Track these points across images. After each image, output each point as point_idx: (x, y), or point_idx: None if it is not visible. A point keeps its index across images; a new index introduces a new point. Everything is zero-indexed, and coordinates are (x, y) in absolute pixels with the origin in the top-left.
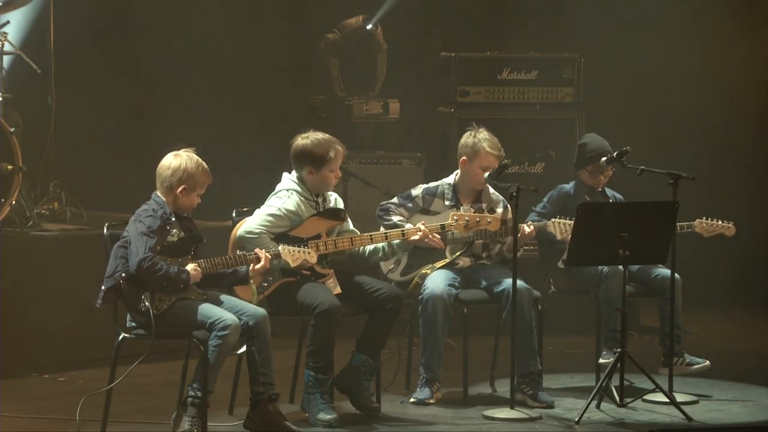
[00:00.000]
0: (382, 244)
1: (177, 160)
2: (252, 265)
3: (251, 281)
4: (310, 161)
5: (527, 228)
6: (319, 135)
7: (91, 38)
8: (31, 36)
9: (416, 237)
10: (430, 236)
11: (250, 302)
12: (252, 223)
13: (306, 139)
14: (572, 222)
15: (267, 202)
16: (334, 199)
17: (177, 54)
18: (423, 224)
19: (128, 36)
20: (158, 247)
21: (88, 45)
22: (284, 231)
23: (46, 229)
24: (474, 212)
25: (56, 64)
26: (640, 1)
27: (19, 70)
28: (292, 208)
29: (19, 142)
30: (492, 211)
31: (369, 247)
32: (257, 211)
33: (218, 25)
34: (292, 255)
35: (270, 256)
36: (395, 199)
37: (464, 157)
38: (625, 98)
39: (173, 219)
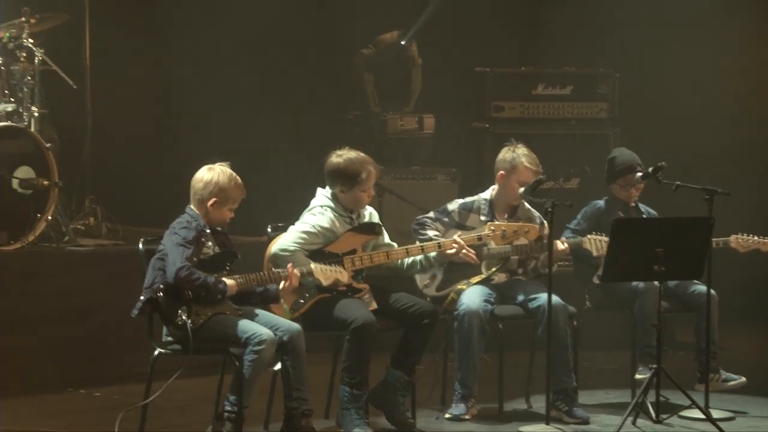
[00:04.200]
0: (419, 257)
1: (210, 173)
2: (282, 282)
3: (282, 300)
4: (342, 180)
5: (561, 245)
6: (353, 154)
7: (126, 54)
8: (67, 52)
9: (452, 251)
10: (465, 251)
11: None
12: (286, 241)
13: (339, 157)
14: (607, 238)
15: (301, 219)
16: (369, 214)
17: (212, 70)
18: (459, 236)
19: (163, 52)
20: (195, 258)
21: (124, 61)
22: (319, 247)
23: (82, 244)
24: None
25: (92, 80)
26: (675, 16)
27: (55, 86)
28: (326, 224)
29: (55, 157)
30: (528, 220)
31: (406, 260)
32: (291, 227)
33: (254, 41)
34: (324, 273)
35: (299, 275)
36: (431, 214)
37: (502, 172)
38: (660, 113)
39: (207, 231)
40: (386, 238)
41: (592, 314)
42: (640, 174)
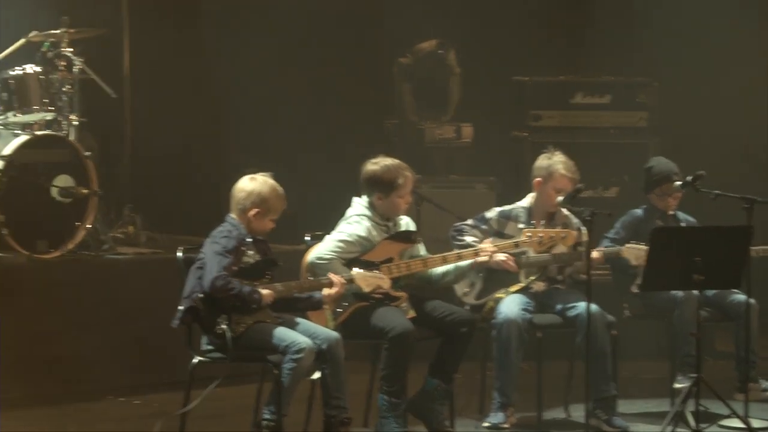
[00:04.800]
0: (451, 266)
1: (252, 183)
2: (326, 290)
3: (325, 307)
4: (379, 187)
5: (595, 253)
6: (388, 161)
7: (165, 62)
8: (107, 60)
9: (485, 258)
10: (505, 258)
11: (325, 327)
12: (323, 249)
13: (375, 164)
14: (646, 247)
15: (338, 228)
16: (405, 223)
17: (252, 79)
18: (491, 242)
19: (202, 59)
20: (233, 268)
21: (163, 69)
22: (356, 256)
23: (121, 252)
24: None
25: (131, 89)
26: (714, 23)
27: (94, 95)
28: (362, 233)
29: (94, 166)
30: (566, 227)
31: (439, 271)
32: (328, 236)
33: (293, 50)
34: (365, 280)
35: (343, 281)
36: (469, 221)
37: (539, 179)
38: (699, 122)
39: (249, 240)
40: (422, 250)
41: (631, 323)
42: (678, 183)
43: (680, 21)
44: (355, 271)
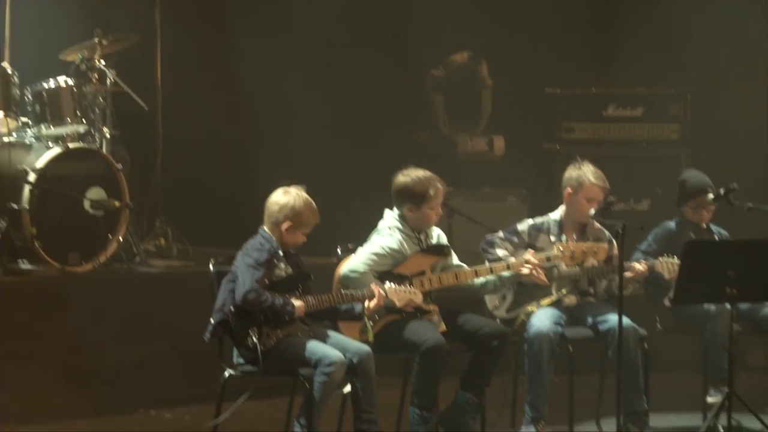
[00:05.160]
0: (491, 277)
1: (286, 196)
2: (367, 302)
3: (366, 318)
4: (410, 199)
5: (639, 266)
6: (420, 172)
7: (197, 75)
8: (139, 73)
9: (525, 271)
10: (536, 272)
11: (363, 340)
12: (355, 262)
13: (406, 176)
14: (679, 260)
15: (370, 240)
16: (437, 235)
17: (284, 91)
18: (532, 253)
19: (233, 72)
20: (266, 281)
21: (195, 82)
22: (388, 269)
23: (153, 265)
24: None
25: (163, 102)
26: (746, 35)
27: (126, 108)
28: (394, 246)
29: (127, 178)
30: (598, 240)
31: (479, 280)
32: (360, 249)
33: (325, 62)
34: (398, 294)
35: (384, 295)
36: (500, 233)
37: (569, 190)
38: (732, 135)
39: (281, 253)
40: (455, 259)
41: (663, 337)
42: (711, 196)
43: (712, 33)
44: (388, 285)
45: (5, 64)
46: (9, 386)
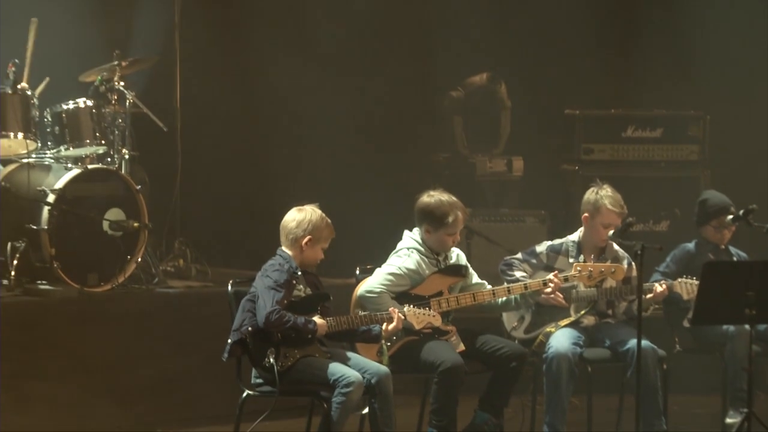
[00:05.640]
0: (513, 296)
1: (301, 213)
2: (385, 324)
3: (382, 341)
4: (429, 220)
5: (659, 287)
6: (444, 197)
7: (216, 96)
8: (158, 94)
9: (547, 290)
10: (555, 294)
11: (378, 361)
12: (373, 283)
13: (430, 197)
14: (698, 281)
15: (388, 261)
16: (456, 255)
17: (301, 111)
18: (555, 275)
19: (252, 94)
20: (285, 301)
21: (214, 103)
22: (405, 289)
23: (172, 286)
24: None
25: (182, 122)
26: (765, 57)
27: (145, 129)
28: (412, 266)
29: (145, 199)
30: (616, 261)
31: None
32: (378, 270)
33: (343, 83)
34: (416, 317)
35: (402, 318)
36: (519, 255)
37: (586, 214)
38: (751, 156)
39: (299, 273)
40: (475, 278)
41: (683, 358)
42: (730, 217)
43: (731, 54)
44: (407, 308)
45: (24, 85)
46: (26, 405)
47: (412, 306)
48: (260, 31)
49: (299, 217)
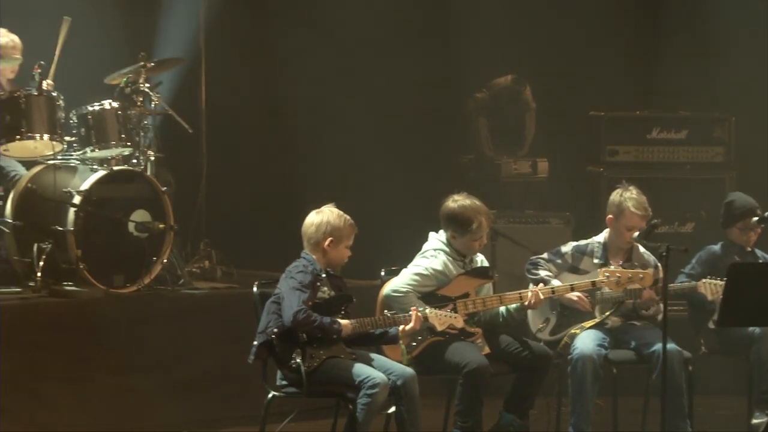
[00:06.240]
0: (513, 306)
1: (320, 215)
2: (402, 326)
3: (401, 341)
4: (454, 226)
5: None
6: (467, 201)
7: (242, 97)
8: (183, 96)
9: (574, 297)
10: (577, 299)
11: (399, 362)
12: (398, 283)
13: (455, 202)
14: (723, 282)
15: (414, 262)
16: (480, 260)
17: (326, 113)
18: (579, 294)
19: (277, 95)
20: (310, 303)
21: (239, 104)
22: (431, 290)
23: (197, 287)
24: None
25: (207, 124)
26: None
27: (171, 130)
28: (438, 267)
29: (171, 201)
30: (644, 266)
31: (501, 309)
32: (404, 270)
33: (368, 85)
34: (438, 318)
35: (421, 318)
36: (545, 255)
37: (610, 216)
38: None
39: (323, 275)
40: (490, 290)
41: (708, 359)
42: (756, 219)
43: (757, 56)
44: (429, 309)
45: (50, 82)
46: (51, 407)
47: (434, 307)
48: (285, 33)
49: (317, 219)
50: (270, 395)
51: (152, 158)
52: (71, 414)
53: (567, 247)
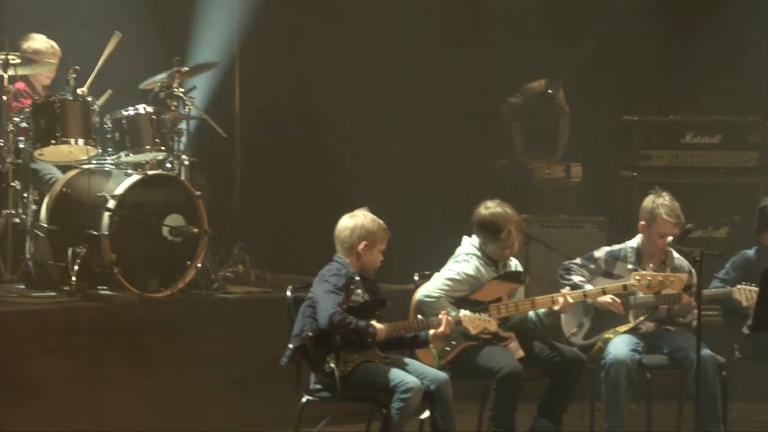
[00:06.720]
0: (532, 315)
1: (353, 219)
2: (434, 329)
3: (431, 345)
4: (485, 233)
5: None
6: (499, 209)
7: (276, 102)
8: (217, 100)
9: (608, 299)
10: (612, 300)
11: (432, 366)
12: (431, 287)
13: (486, 209)
14: (757, 288)
15: (446, 266)
16: (514, 265)
17: (360, 118)
18: (612, 297)
19: (311, 100)
20: (344, 305)
21: (273, 109)
22: (464, 295)
23: (231, 291)
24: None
25: (241, 128)
26: None
27: (204, 134)
28: (471, 272)
29: (205, 205)
30: (677, 272)
31: (530, 315)
32: (436, 274)
33: (401, 89)
34: (472, 322)
35: (452, 322)
36: (578, 260)
37: (643, 222)
38: None
39: (357, 278)
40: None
41: (742, 365)
42: None
43: None
44: (463, 312)
45: (84, 90)
46: (85, 410)
47: (468, 311)
48: (318, 38)
49: (351, 223)
50: (304, 399)
51: (186, 162)
52: (102, 417)
53: (600, 252)
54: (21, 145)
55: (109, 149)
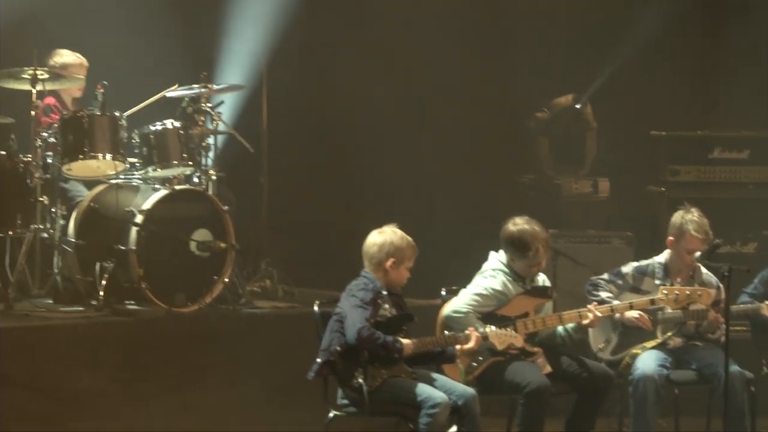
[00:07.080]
0: (561, 330)
1: (382, 236)
2: (461, 345)
3: (458, 361)
4: (512, 249)
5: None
6: (527, 227)
7: (303, 117)
8: (245, 116)
9: (635, 315)
10: (639, 315)
11: (459, 381)
12: (458, 303)
13: (515, 226)
14: None
15: (473, 282)
16: (542, 280)
17: (387, 134)
18: (640, 312)
19: (338, 116)
20: (372, 320)
21: (300, 124)
22: (491, 310)
23: (258, 306)
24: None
25: (269, 143)
26: None
27: (232, 150)
28: (498, 287)
29: (232, 220)
30: (703, 286)
31: (559, 330)
32: (463, 290)
33: (429, 103)
34: (499, 338)
35: (480, 338)
36: (605, 276)
37: (671, 238)
38: None
39: (384, 293)
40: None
41: None
42: None
43: None
44: (489, 328)
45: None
46: (114, 426)
47: (494, 327)
48: (345, 54)
49: (380, 240)
50: (331, 415)
51: (214, 177)
52: (130, 431)
53: (627, 268)
54: (49, 161)
55: (137, 164)
